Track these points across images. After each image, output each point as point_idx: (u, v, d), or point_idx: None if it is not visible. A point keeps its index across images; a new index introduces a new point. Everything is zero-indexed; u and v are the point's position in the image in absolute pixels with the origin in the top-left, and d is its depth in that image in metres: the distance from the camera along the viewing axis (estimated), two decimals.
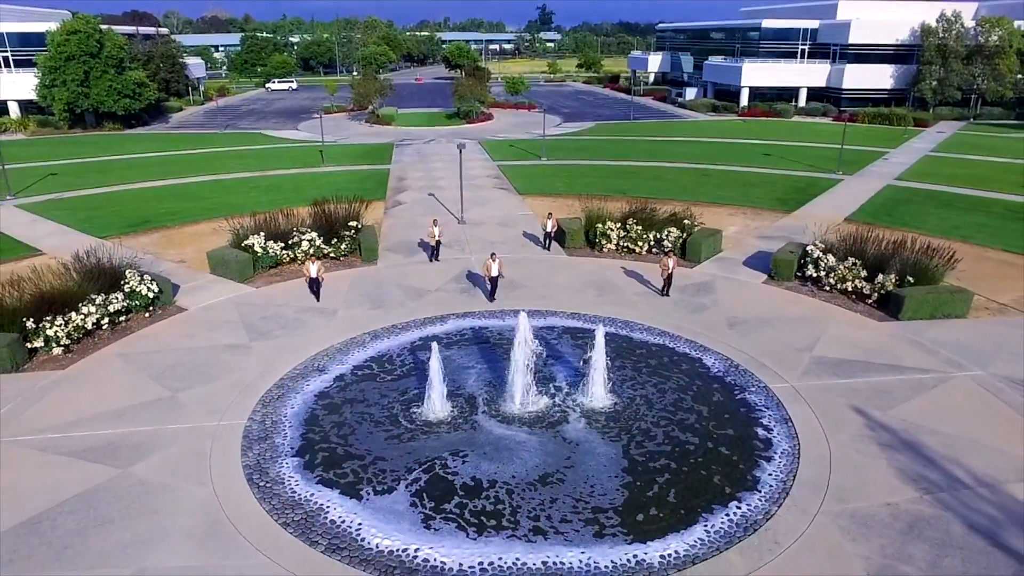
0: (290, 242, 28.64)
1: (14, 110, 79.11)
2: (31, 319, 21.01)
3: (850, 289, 25.53)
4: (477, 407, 18.25)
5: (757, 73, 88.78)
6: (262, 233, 28.38)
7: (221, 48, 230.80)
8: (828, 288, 26.08)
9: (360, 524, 13.82)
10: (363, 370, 20.36)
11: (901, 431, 17.14)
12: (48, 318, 21.15)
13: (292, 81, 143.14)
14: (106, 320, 22.73)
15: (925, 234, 34.90)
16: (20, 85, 78.18)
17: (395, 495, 14.76)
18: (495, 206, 39.85)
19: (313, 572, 12.73)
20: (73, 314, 21.79)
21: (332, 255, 29.32)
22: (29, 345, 20.99)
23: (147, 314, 24.13)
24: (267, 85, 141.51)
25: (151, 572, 12.73)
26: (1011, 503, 14.52)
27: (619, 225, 30.47)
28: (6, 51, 79.46)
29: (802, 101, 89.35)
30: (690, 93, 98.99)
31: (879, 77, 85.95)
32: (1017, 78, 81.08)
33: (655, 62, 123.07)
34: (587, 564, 12.84)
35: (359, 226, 30.06)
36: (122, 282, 23.93)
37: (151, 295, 24.17)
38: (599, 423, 17.59)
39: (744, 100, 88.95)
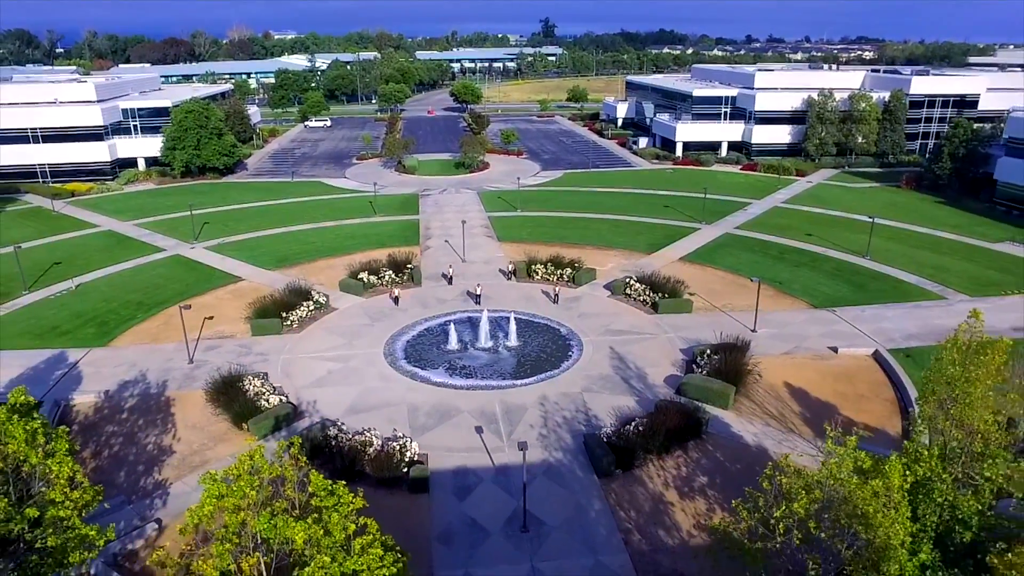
0: (379, 275, 58.29)
1: (141, 164, 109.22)
2: (282, 311, 50.74)
3: (641, 300, 54.86)
4: (467, 345, 47.91)
5: (688, 131, 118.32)
6: (366, 271, 58.10)
7: (254, 75, 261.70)
8: (633, 299, 55.42)
9: (428, 375, 43.76)
10: (422, 333, 50.14)
11: (623, 354, 46.56)
12: (291, 310, 50.92)
13: (327, 120, 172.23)
14: (308, 313, 52.38)
15: (716, 268, 64.21)
16: (146, 146, 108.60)
17: (439, 369, 44.72)
18: (483, 250, 69.36)
19: (417, 386, 42.45)
20: (297, 310, 51.52)
21: (399, 282, 58.84)
22: (282, 323, 50.71)
23: (321, 311, 53.76)
24: (305, 123, 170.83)
25: (365, 387, 42.39)
26: (639, 372, 44.03)
27: (543, 266, 59.93)
28: (136, 121, 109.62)
29: (724, 152, 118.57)
30: (643, 142, 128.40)
31: (779, 134, 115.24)
32: (878, 136, 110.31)
33: (623, 109, 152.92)
34: (500, 384, 42.51)
35: (412, 266, 59.71)
36: (310, 295, 53.63)
37: (323, 301, 53.94)
38: (512, 351, 47.16)
39: (679, 151, 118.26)
